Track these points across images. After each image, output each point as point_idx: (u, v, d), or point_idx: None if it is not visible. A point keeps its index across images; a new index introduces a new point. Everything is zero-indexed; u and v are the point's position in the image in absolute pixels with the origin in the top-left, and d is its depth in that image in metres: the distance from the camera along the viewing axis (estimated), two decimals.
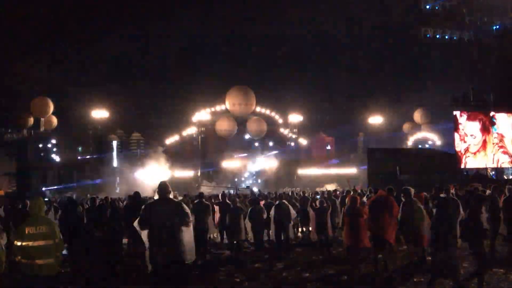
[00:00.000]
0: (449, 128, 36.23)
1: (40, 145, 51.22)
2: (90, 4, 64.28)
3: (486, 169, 34.23)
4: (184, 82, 66.24)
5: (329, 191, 20.65)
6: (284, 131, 63.32)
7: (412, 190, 11.82)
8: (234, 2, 70.66)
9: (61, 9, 62.97)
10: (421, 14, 34.92)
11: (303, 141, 63.93)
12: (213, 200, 17.89)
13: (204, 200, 14.51)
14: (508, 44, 34.83)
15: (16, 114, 54.69)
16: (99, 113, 57.89)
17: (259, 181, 55.43)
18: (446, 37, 34.88)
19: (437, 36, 34.71)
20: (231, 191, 33.96)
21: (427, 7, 33.81)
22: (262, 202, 15.30)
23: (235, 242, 13.70)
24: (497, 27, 34.77)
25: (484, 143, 33.26)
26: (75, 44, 69.60)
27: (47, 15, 63.71)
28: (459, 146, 32.58)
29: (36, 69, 57.80)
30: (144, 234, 7.30)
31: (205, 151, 58.02)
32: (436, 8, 33.92)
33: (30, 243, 7.11)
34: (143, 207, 7.55)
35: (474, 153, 32.97)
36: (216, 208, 15.92)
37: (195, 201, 14.13)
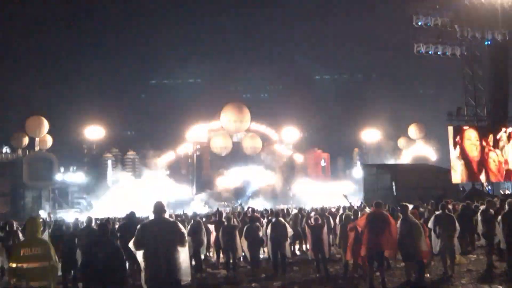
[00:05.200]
0: (444, 142, 36.35)
1: (35, 165, 50.93)
2: (84, 24, 64.55)
3: (482, 184, 34.26)
4: (179, 99, 66.37)
5: (322, 208, 20.62)
6: (279, 147, 63.43)
7: (409, 206, 11.81)
8: (230, 18, 71.03)
9: (56, 27, 63.26)
10: (414, 30, 35.21)
11: (298, 157, 64.00)
12: (205, 219, 17.72)
13: (198, 219, 14.55)
14: (500, 58, 35.11)
15: (11, 133, 54.63)
16: (94, 132, 57.89)
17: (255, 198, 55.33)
18: (439, 52, 35.11)
19: (430, 52, 34.93)
20: (227, 209, 33.87)
21: (419, 23, 34.08)
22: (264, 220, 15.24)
23: (231, 260, 13.63)
24: (489, 42, 35.05)
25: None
26: (69, 63, 69.81)
27: (41, 34, 64.01)
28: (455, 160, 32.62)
29: (30, 88, 57.92)
30: (139, 255, 7.25)
31: (200, 168, 57.96)
32: (428, 24, 34.18)
33: (25, 265, 7.04)
34: (138, 227, 7.51)
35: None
36: (212, 226, 15.82)
37: (192, 222, 14.11)
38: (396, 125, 70.79)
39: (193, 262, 13.05)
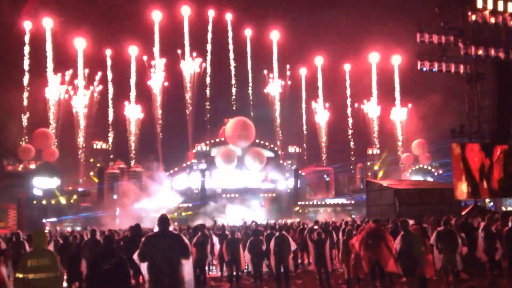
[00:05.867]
0: (447, 159, 36.36)
1: (41, 177, 51.16)
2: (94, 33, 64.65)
3: (484, 200, 34.17)
4: (184, 113, 66.67)
5: (326, 222, 20.66)
6: (283, 162, 63.51)
7: (410, 222, 11.90)
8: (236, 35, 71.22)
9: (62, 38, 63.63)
10: (417, 48, 35.34)
11: (302, 172, 64.04)
12: (210, 232, 17.84)
13: (205, 231, 14.67)
14: (504, 76, 35.15)
15: (18, 145, 55.04)
16: (100, 145, 58.32)
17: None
18: (443, 70, 35.11)
19: (433, 69, 34.97)
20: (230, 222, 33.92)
21: (423, 40, 34.19)
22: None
23: (234, 273, 13.73)
24: (493, 59, 35.08)
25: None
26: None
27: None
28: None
29: (38, 101, 58.34)
30: (144, 267, 7.36)
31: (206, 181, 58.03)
32: (432, 41, 34.26)
33: (31, 276, 7.15)
34: (143, 239, 7.63)
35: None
36: (216, 239, 15.92)
37: (199, 234, 14.20)
38: (400, 141, 70.97)
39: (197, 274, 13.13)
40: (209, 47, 67.42)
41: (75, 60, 63.20)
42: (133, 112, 65.38)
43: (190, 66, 66.04)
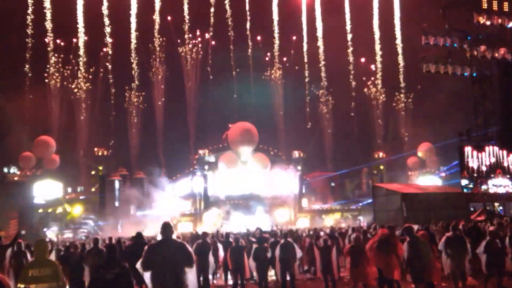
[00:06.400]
0: (455, 163, 36.16)
1: (42, 185, 51.04)
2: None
3: (493, 204, 33.93)
4: (187, 120, 66.69)
5: (332, 228, 20.39)
6: (288, 167, 63.27)
7: (415, 228, 11.69)
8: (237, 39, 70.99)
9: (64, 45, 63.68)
10: (423, 51, 35.22)
11: (306, 178, 63.85)
12: (215, 239, 17.60)
13: (207, 239, 14.43)
14: (510, 77, 35.02)
15: (19, 153, 54.97)
16: (102, 152, 58.31)
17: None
18: (448, 72, 34.95)
19: (439, 72, 34.79)
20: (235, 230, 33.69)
21: (429, 42, 34.05)
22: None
23: (239, 281, 13.51)
24: (499, 60, 34.91)
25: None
26: None
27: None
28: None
29: (38, 108, 58.29)
30: (147, 276, 7.23)
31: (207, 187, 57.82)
32: (437, 43, 34.12)
33: (33, 286, 7.08)
34: (146, 248, 7.50)
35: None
36: (220, 246, 15.70)
37: (199, 241, 13.95)
38: (405, 144, 70.69)
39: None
40: None
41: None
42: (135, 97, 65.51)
43: (190, 49, 66.42)
